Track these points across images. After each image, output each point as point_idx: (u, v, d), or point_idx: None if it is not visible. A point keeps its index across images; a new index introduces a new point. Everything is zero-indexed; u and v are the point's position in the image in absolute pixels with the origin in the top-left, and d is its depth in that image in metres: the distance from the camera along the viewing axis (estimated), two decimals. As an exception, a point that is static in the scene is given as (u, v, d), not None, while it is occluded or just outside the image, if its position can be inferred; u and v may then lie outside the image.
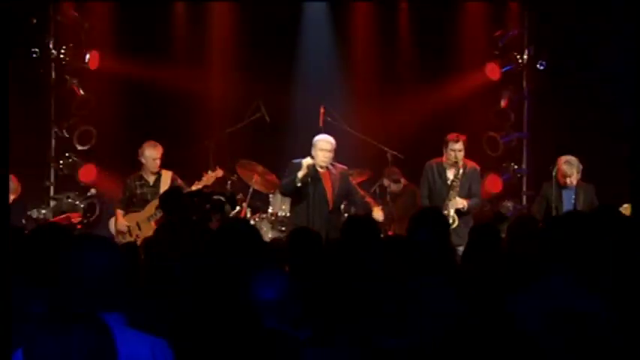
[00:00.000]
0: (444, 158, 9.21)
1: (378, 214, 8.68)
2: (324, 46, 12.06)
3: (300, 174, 8.70)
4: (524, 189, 12.11)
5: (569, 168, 9.14)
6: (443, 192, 9.13)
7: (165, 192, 8.41)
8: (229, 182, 10.38)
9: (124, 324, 3.08)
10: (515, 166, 12.07)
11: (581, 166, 9.21)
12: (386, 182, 10.53)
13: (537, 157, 11.43)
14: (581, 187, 9.27)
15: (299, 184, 8.68)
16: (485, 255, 5.33)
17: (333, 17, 12.12)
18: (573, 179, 9.19)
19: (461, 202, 9.04)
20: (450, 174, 9.20)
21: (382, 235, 6.63)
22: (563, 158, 9.21)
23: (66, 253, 3.18)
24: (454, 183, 9.05)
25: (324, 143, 8.80)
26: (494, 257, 5.22)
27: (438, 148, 9.37)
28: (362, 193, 9.22)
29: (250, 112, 10.70)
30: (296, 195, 8.95)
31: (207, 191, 7.66)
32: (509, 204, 11.62)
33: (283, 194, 9.27)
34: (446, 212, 8.84)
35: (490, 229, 5.88)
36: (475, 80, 11.98)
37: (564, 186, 9.24)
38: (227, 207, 7.43)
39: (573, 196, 9.15)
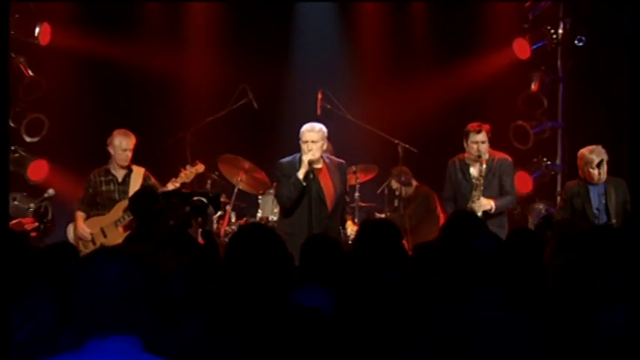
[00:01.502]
0: (466, 153, 8.87)
1: (350, 228, 8.62)
2: (325, 20, 11.97)
3: (301, 172, 8.25)
4: (559, 188, 11.60)
5: (596, 159, 8.79)
6: (467, 193, 8.78)
7: (137, 193, 8.16)
8: (209, 181, 10.17)
9: (141, 349, 3.10)
10: (548, 162, 11.71)
11: (607, 157, 8.89)
12: (394, 184, 10.35)
13: (574, 151, 10.22)
14: (611, 182, 8.91)
15: (304, 184, 8.23)
16: (526, 267, 5.14)
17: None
18: (601, 174, 8.82)
19: (487, 204, 8.64)
20: (474, 171, 8.82)
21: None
22: (586, 149, 8.93)
23: (73, 269, 3.24)
24: (477, 182, 8.70)
25: (307, 134, 8.32)
26: (536, 269, 5.12)
27: (458, 141, 9.04)
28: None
29: (235, 98, 10.37)
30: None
31: (186, 191, 7.49)
32: (540, 206, 11.23)
33: (286, 206, 8.46)
34: None
35: (530, 236, 5.66)
36: (501, 60, 11.70)
37: (590, 182, 8.87)
38: (210, 209, 7.15)
39: (603, 194, 8.83)
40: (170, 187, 8.92)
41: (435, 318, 4.20)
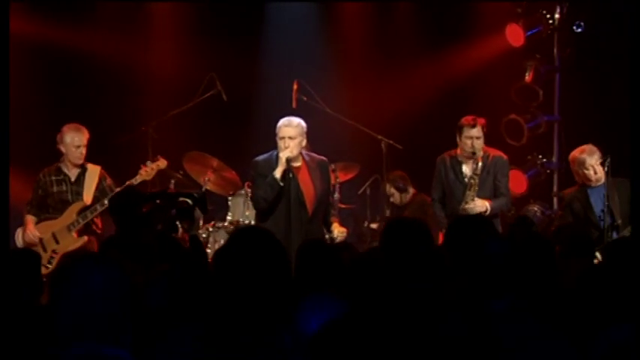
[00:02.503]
0: (458, 149, 8.76)
1: (337, 231, 8.39)
2: (302, 5, 11.98)
3: (279, 172, 8.14)
4: (555, 189, 11.45)
5: (589, 160, 8.67)
6: (459, 193, 8.70)
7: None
8: (173, 181, 9.86)
9: None
10: (544, 160, 11.49)
11: (599, 155, 8.74)
12: (389, 190, 10.33)
13: (572, 148, 10.15)
14: (612, 182, 8.74)
15: (282, 185, 8.14)
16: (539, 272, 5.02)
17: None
18: (598, 172, 8.67)
19: (482, 205, 8.53)
20: (467, 169, 8.73)
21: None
22: (576, 150, 8.85)
23: (54, 278, 3.20)
24: (472, 180, 8.60)
25: (283, 129, 8.25)
26: (549, 275, 5.03)
27: (447, 136, 9.01)
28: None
29: (202, 89, 10.19)
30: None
31: (171, 191, 7.42)
32: (535, 208, 10.94)
33: (262, 208, 8.39)
34: None
35: (540, 241, 5.44)
36: (492, 48, 11.53)
37: (588, 185, 8.75)
38: (197, 212, 6.92)
39: (605, 196, 8.60)
40: (128, 184, 8.79)
41: (458, 330, 4.10)
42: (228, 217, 9.99)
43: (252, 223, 9.42)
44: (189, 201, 6.74)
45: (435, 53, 11.60)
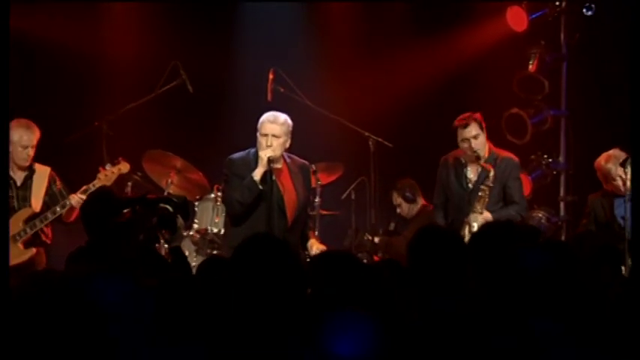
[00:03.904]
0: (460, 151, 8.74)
1: (316, 248, 8.21)
2: None
3: (259, 173, 7.99)
4: (562, 193, 11.18)
5: (614, 169, 8.63)
6: (461, 200, 8.58)
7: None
8: (130, 183, 9.71)
9: None
10: (550, 160, 11.15)
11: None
12: (396, 199, 10.20)
13: (582, 146, 10.70)
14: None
15: (261, 188, 8.04)
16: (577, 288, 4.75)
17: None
18: (623, 181, 8.60)
19: (483, 219, 8.35)
20: (472, 173, 8.56)
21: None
22: (602, 158, 8.80)
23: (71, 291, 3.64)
24: (481, 193, 8.41)
25: (267, 125, 8.11)
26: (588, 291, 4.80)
27: (442, 133, 9.00)
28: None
29: (165, 79, 9.91)
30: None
31: (152, 197, 7.04)
32: (540, 214, 10.65)
33: (237, 212, 8.26)
34: (466, 231, 8.30)
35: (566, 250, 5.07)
36: (491, 33, 11.23)
37: (612, 194, 8.74)
38: (180, 220, 6.62)
39: (628, 207, 8.45)
40: (79, 195, 8.49)
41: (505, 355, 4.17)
42: (195, 225, 9.80)
43: (223, 231, 9.27)
44: (169, 207, 6.54)
45: (428, 40, 11.37)
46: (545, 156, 11.10)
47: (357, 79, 11.38)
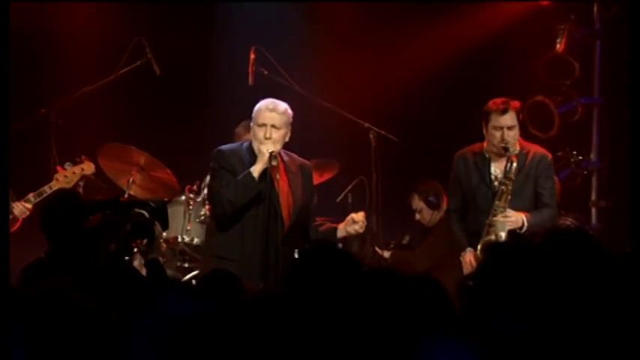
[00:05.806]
0: (484, 143, 8.06)
1: (352, 226, 7.67)
2: None
3: (258, 169, 7.54)
4: (594, 196, 10.61)
5: None
6: (485, 202, 8.00)
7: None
8: (82, 183, 9.05)
9: None
10: (580, 157, 10.48)
11: None
12: (417, 203, 9.66)
13: (618, 141, 10.12)
14: None
15: (259, 187, 7.82)
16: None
17: None
18: None
19: (517, 219, 7.86)
20: (498, 170, 8.02)
21: None
22: None
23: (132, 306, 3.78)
24: (503, 187, 7.88)
25: (266, 114, 7.60)
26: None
27: (455, 125, 9.10)
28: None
29: (126, 58, 9.44)
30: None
31: (126, 200, 7.13)
32: (567, 222, 9.95)
33: (226, 213, 7.76)
34: (492, 236, 7.92)
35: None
36: (512, 7, 10.65)
37: None
38: (157, 228, 6.28)
39: None
40: (24, 205, 8.13)
41: None
42: (164, 233, 8.51)
43: (196, 240, 9.01)
44: (145, 213, 6.15)
45: (440, 17, 10.74)
46: (575, 153, 10.43)
47: (356, 60, 10.79)
